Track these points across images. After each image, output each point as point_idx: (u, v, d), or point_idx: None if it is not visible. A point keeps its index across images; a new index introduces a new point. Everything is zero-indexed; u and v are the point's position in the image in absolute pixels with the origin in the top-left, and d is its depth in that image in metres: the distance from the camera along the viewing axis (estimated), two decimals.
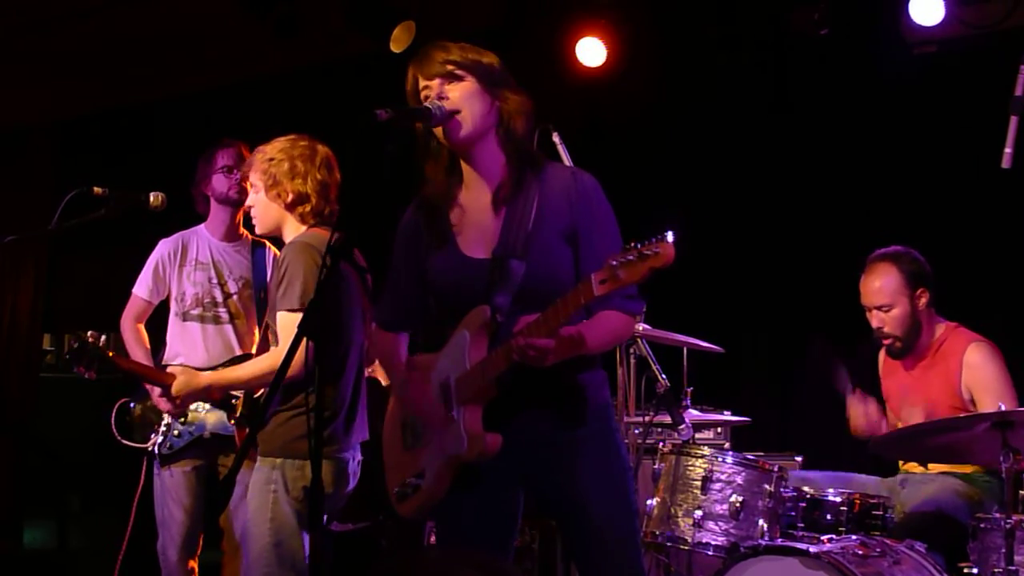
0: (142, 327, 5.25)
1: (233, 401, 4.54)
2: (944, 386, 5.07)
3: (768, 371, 6.75)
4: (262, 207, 4.33)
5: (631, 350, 5.25)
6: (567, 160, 4.92)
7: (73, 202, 4.63)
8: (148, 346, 5.21)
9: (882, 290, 5.10)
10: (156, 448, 4.99)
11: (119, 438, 5.08)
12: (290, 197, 4.28)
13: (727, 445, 6.18)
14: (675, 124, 7.73)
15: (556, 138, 4.96)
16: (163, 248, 5.23)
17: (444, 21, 7.36)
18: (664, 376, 5.31)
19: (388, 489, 3.48)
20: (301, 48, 7.20)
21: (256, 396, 4.39)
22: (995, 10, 6.68)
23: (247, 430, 4.38)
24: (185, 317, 5.15)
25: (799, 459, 6.18)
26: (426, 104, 3.27)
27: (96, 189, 4.75)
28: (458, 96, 3.31)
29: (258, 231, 4.48)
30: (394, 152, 3.30)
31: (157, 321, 5.33)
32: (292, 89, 7.55)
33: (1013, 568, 4.12)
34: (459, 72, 3.33)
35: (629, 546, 3.36)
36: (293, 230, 4.30)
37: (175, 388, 4.47)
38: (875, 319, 5.12)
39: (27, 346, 8.61)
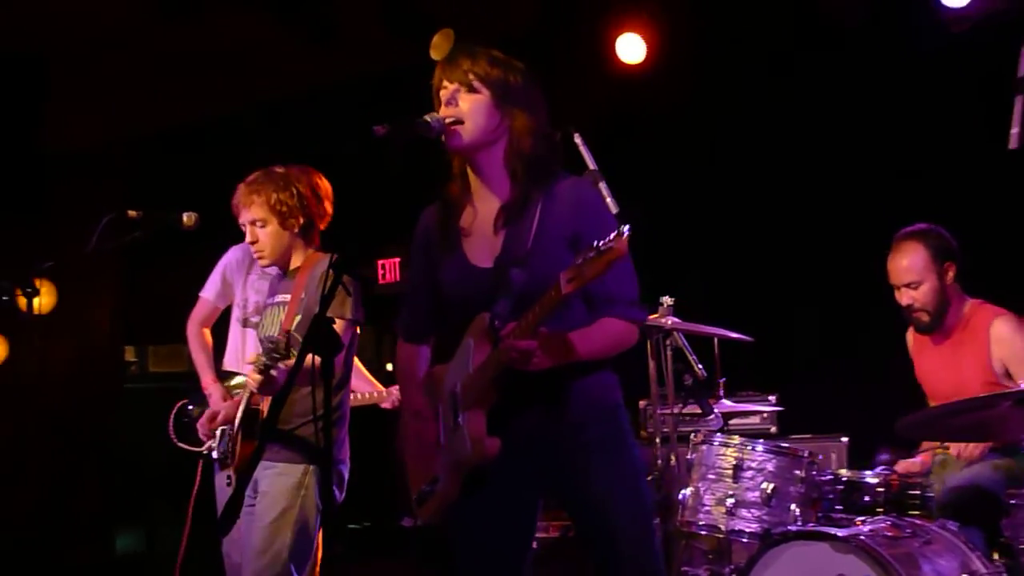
0: (207, 331, 5.25)
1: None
2: (975, 362, 5.02)
3: (815, 353, 6.68)
4: (273, 239, 4.43)
5: (667, 342, 5.22)
6: (590, 161, 4.85)
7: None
8: (211, 350, 5.21)
9: (910, 268, 5.06)
10: (212, 452, 4.92)
11: (175, 441, 5.05)
12: (301, 222, 4.40)
13: (773, 429, 6.15)
14: (713, 119, 7.68)
15: (578, 139, 4.86)
16: (232, 255, 5.23)
17: (483, 23, 7.42)
18: (701, 366, 5.29)
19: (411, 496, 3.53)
20: (343, 60, 7.29)
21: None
22: None
23: (255, 443, 4.33)
24: (246, 323, 5.11)
25: (845, 440, 6.13)
26: (423, 117, 3.27)
27: (131, 212, 4.86)
28: (468, 107, 3.31)
29: (266, 262, 4.56)
30: (394, 166, 3.31)
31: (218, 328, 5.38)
32: (336, 103, 7.62)
33: None
34: (476, 84, 3.32)
35: (644, 547, 3.35)
36: (301, 254, 4.44)
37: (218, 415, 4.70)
38: (905, 296, 5.07)
39: (109, 358, 8.85)
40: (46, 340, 6.98)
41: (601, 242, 2.89)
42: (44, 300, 5.98)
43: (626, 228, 2.90)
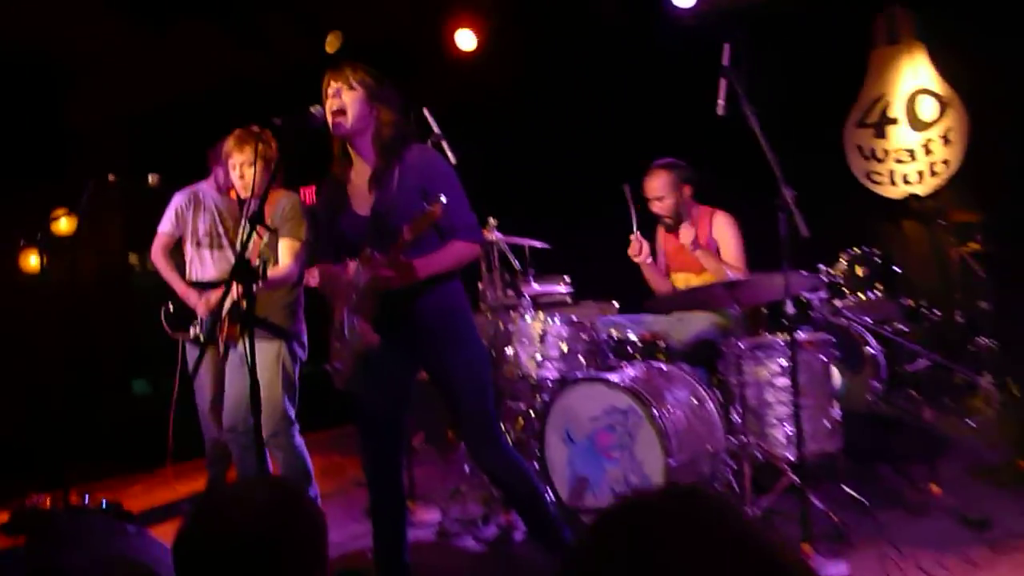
0: (167, 255, 5.20)
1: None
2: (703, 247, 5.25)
3: (595, 251, 7.00)
4: (258, 176, 4.51)
5: (494, 248, 5.37)
6: (435, 127, 5.01)
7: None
8: (175, 267, 5.18)
9: (658, 188, 5.30)
10: (199, 336, 4.99)
11: (168, 330, 5.05)
12: (272, 168, 4.53)
13: (569, 300, 6.18)
14: (525, 91, 8.05)
15: (427, 112, 5.03)
16: (179, 198, 5.21)
17: (364, 27, 7.58)
18: (517, 263, 5.55)
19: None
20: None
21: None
22: None
23: (238, 324, 4.36)
24: (199, 246, 5.14)
25: (616, 304, 6.29)
26: (311, 109, 3.39)
27: (110, 177, 4.98)
28: (348, 101, 3.46)
29: (246, 193, 4.62)
30: (290, 145, 3.60)
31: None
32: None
33: (742, 379, 4.46)
34: (354, 85, 3.47)
35: (477, 398, 3.57)
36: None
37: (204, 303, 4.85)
38: (655, 207, 5.33)
39: (119, 262, 9.28)
40: (72, 252, 7.26)
41: (428, 206, 3.15)
42: (67, 226, 6.11)
43: (442, 197, 3.16)
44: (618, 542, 1.16)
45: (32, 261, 8.14)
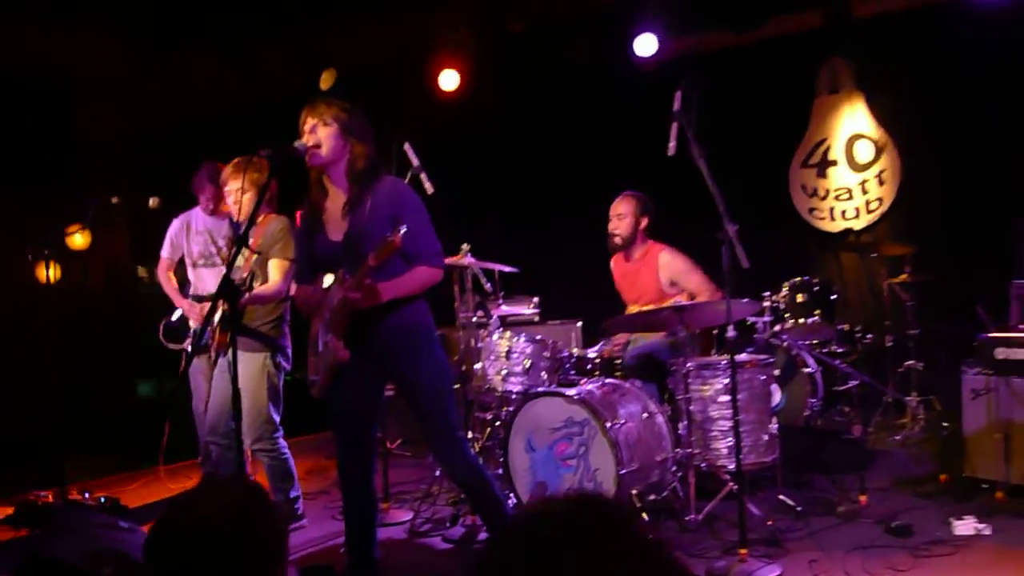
0: (171, 275, 5.22)
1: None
2: (649, 280, 5.34)
3: (562, 273, 7.02)
4: (247, 203, 4.48)
5: (467, 272, 5.27)
6: (414, 160, 4.97)
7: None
8: (176, 285, 5.21)
9: (623, 209, 5.35)
10: (189, 347, 5.01)
11: (164, 343, 5.07)
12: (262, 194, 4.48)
13: (536, 319, 6.24)
14: (501, 127, 8.06)
15: (407, 147, 4.99)
16: (175, 224, 5.23)
17: (355, 66, 7.56)
18: (489, 285, 5.45)
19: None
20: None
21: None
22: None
23: (228, 334, 4.26)
24: (195, 265, 5.14)
25: (579, 324, 6.38)
26: (293, 144, 3.41)
27: (113, 199, 4.96)
28: (323, 136, 3.44)
29: (243, 217, 4.53)
30: (274, 173, 3.66)
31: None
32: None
33: (688, 395, 4.46)
34: (329, 121, 3.45)
35: (440, 408, 3.56)
36: (262, 214, 4.55)
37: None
38: (613, 222, 5.35)
39: (128, 273, 9.09)
40: (86, 263, 7.31)
41: (388, 236, 3.16)
42: (81, 240, 6.04)
43: (402, 228, 3.17)
44: (516, 551, 1.13)
45: (47, 271, 8.08)
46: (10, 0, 6.40)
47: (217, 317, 4.42)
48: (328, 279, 3.68)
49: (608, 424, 4.30)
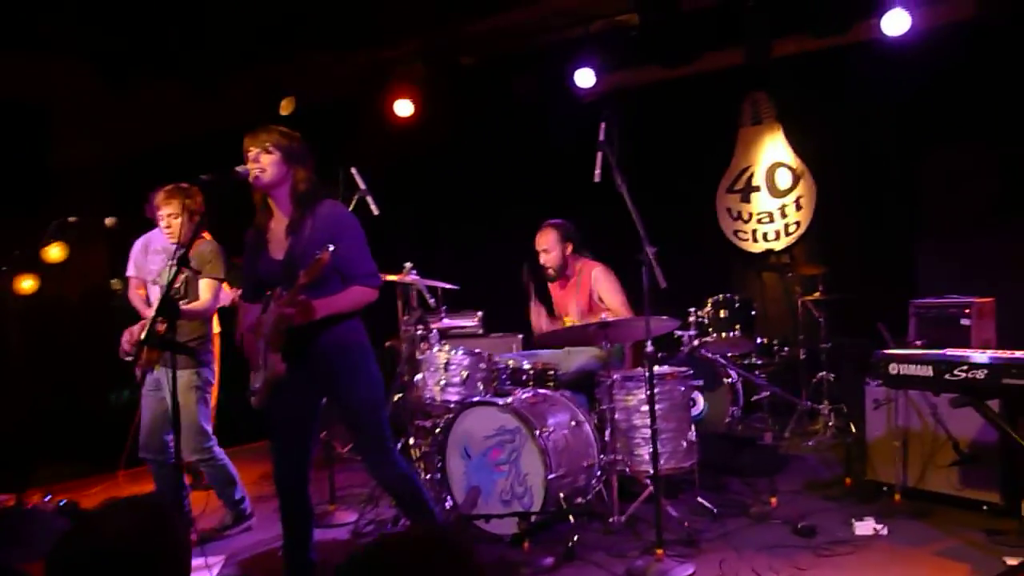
0: (141, 291, 5.00)
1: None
2: (583, 296, 5.29)
3: (501, 290, 6.94)
4: (183, 226, 4.39)
5: (411, 289, 5.15)
6: (361, 184, 4.89)
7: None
8: (145, 301, 4.94)
9: (546, 243, 5.31)
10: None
11: (121, 356, 4.69)
12: (195, 218, 4.40)
13: (480, 331, 6.22)
14: (450, 153, 7.98)
15: (354, 171, 4.91)
16: (137, 245, 5.07)
17: (316, 93, 7.46)
18: (432, 300, 5.29)
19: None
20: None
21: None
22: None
23: (155, 351, 4.18)
24: (154, 283, 4.91)
25: (520, 336, 6.33)
26: (236, 168, 3.31)
27: (70, 219, 4.78)
28: (266, 162, 3.34)
29: (174, 240, 4.43)
30: (216, 196, 3.49)
31: None
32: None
33: (613, 405, 4.41)
34: (271, 148, 3.35)
35: (373, 420, 3.46)
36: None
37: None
38: (542, 257, 5.31)
39: (102, 287, 8.56)
40: (62, 276, 6.96)
41: (318, 255, 3.08)
42: (57, 254, 5.82)
43: (330, 247, 3.09)
44: None
45: (25, 284, 7.85)
46: None
47: (144, 335, 4.26)
48: None
49: (538, 432, 4.23)
